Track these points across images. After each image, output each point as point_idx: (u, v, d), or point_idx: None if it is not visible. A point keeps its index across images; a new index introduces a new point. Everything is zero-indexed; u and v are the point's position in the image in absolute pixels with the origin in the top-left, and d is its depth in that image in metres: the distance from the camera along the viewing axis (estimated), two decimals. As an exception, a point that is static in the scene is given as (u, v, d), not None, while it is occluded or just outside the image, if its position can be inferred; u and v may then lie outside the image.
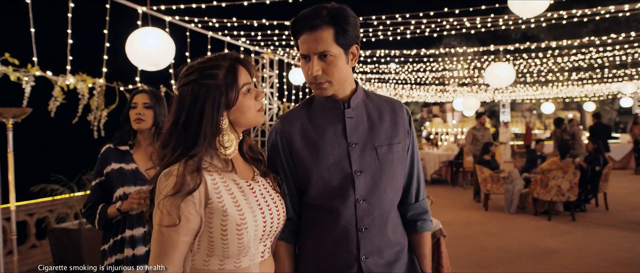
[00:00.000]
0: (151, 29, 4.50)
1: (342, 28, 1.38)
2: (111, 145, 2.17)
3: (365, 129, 1.48)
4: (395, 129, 1.50)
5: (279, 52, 9.10)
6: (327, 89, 1.43)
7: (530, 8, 4.01)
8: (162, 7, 5.68)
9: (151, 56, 4.34)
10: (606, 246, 5.26)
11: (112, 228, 2.11)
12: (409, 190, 1.57)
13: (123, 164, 2.13)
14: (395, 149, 1.48)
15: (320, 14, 1.37)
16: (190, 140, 1.24)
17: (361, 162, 1.44)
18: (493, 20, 7.16)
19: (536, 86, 17.30)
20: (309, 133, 1.49)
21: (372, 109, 1.52)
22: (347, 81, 1.47)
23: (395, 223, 1.51)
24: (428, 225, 1.59)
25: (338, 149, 1.45)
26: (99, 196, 2.14)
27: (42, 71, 4.35)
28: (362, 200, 1.43)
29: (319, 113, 1.52)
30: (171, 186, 1.18)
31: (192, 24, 6.47)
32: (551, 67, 12.61)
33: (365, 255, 1.43)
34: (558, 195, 6.61)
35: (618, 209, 7.27)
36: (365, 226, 1.44)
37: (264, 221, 1.29)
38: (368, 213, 1.44)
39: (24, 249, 4.86)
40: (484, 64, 11.60)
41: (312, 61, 1.40)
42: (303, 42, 1.41)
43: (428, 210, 1.61)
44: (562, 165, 6.86)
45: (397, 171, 1.49)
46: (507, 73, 7.33)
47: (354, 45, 1.44)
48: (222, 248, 1.23)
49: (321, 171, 1.44)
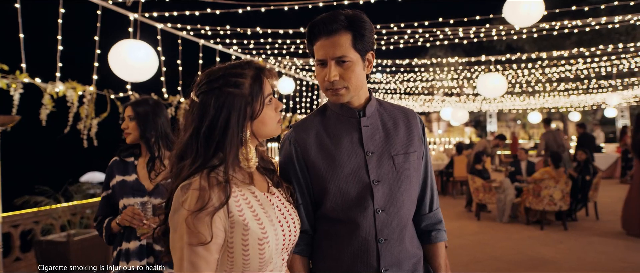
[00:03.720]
0: (135, 42, 4.44)
1: (360, 33, 1.36)
2: (117, 157, 2.17)
3: (382, 138, 1.45)
4: (410, 138, 1.48)
5: (271, 60, 9.05)
6: (343, 96, 1.40)
7: (525, 17, 4.04)
8: (155, 14, 5.59)
9: (134, 68, 4.30)
10: (600, 255, 5.28)
11: (115, 240, 2.10)
12: (423, 200, 1.55)
13: (125, 177, 2.11)
14: (412, 158, 1.46)
15: (338, 19, 1.34)
16: (211, 151, 1.16)
17: (379, 171, 1.41)
18: (486, 31, 7.22)
19: (523, 96, 17.54)
20: (325, 142, 1.44)
21: (386, 118, 1.50)
22: (363, 88, 1.45)
23: (411, 233, 1.49)
24: (442, 235, 1.57)
25: (355, 159, 1.41)
26: (106, 210, 2.12)
27: (31, 78, 4.23)
28: (381, 210, 1.40)
29: (334, 121, 1.48)
30: (194, 201, 1.09)
31: (184, 31, 6.39)
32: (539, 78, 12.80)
33: (385, 267, 1.39)
34: (550, 205, 6.64)
35: (608, 218, 7.33)
36: (385, 238, 1.40)
37: (283, 234, 1.23)
38: (387, 224, 1.41)
39: (8, 262, 4.69)
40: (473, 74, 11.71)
41: (330, 66, 1.36)
42: (320, 48, 1.37)
43: (442, 220, 1.59)
44: (555, 175, 6.91)
45: (413, 181, 1.47)
46: (498, 83, 7.39)
47: (370, 52, 1.42)
48: (243, 264, 1.16)
49: (338, 182, 1.40)
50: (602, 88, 14.91)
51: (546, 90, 15.37)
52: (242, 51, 8.09)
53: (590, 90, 15.04)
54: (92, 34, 4.93)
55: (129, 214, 1.93)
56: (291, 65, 9.74)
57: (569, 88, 14.84)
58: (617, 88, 14.52)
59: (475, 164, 8.09)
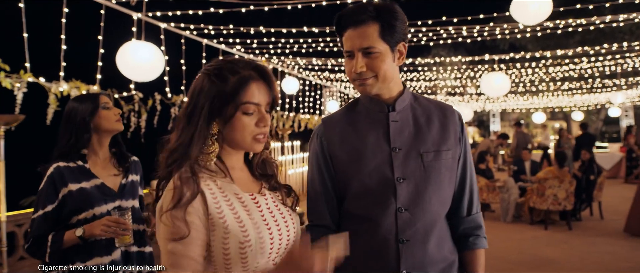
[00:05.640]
0: (141, 43, 4.47)
1: (389, 24, 1.31)
2: (61, 163, 1.81)
3: (411, 134, 1.39)
4: (444, 136, 1.40)
5: (274, 60, 9.05)
6: (371, 86, 1.35)
7: (533, 16, 4.01)
8: (158, 14, 5.59)
9: (142, 68, 4.31)
10: (604, 255, 5.25)
11: (67, 257, 1.77)
12: (461, 202, 1.46)
13: (83, 184, 1.81)
14: (444, 156, 1.38)
15: (366, 10, 1.31)
16: (188, 136, 1.13)
17: (404, 169, 1.35)
18: (490, 30, 7.19)
19: (527, 96, 17.48)
20: (350, 137, 1.41)
21: (419, 113, 1.43)
22: (393, 80, 1.38)
23: (441, 236, 1.40)
24: (481, 241, 1.46)
25: (380, 155, 1.36)
26: (46, 229, 1.77)
27: (35, 77, 4.24)
28: (404, 209, 1.34)
29: (363, 115, 1.43)
30: (169, 199, 1.07)
31: (188, 31, 6.39)
32: (542, 77, 12.75)
33: (406, 270, 1.34)
34: (554, 204, 6.61)
35: (612, 218, 7.30)
36: (407, 238, 1.34)
37: (271, 238, 1.15)
38: (410, 224, 1.34)
39: (12, 261, 4.69)
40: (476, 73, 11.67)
41: (356, 57, 1.33)
42: (347, 39, 1.34)
43: (481, 225, 1.48)
44: (559, 174, 6.88)
45: (444, 180, 1.38)
46: (502, 83, 7.36)
47: (401, 42, 1.36)
48: (225, 266, 1.11)
49: (361, 177, 1.36)
50: (606, 87, 14.83)
51: (550, 89, 15.30)
52: (245, 51, 8.09)
53: (594, 89, 14.97)
54: (95, 33, 4.94)
55: (110, 223, 1.72)
56: (294, 65, 9.73)
57: (572, 87, 14.78)
58: (621, 87, 14.44)
59: (478, 163, 8.07)
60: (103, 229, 1.71)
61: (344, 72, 10.87)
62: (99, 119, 1.88)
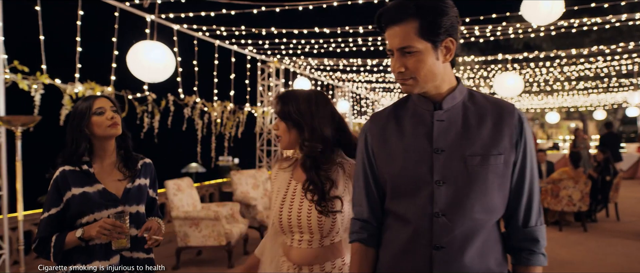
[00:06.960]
0: (152, 43, 4.51)
1: (430, 20, 1.22)
2: (68, 167, 1.84)
3: (458, 135, 1.28)
4: (496, 138, 1.27)
5: (286, 61, 9.08)
6: (412, 86, 1.28)
7: (545, 16, 3.96)
8: (171, 15, 5.66)
9: (152, 69, 4.34)
10: (620, 257, 5.17)
11: (70, 258, 1.82)
12: (516, 212, 1.32)
13: (86, 188, 1.83)
14: (493, 161, 1.25)
15: (405, 6, 1.22)
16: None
17: (445, 172, 1.25)
18: (503, 29, 7.12)
19: (541, 96, 17.24)
20: (393, 134, 1.35)
21: (472, 113, 1.30)
22: (440, 78, 1.29)
23: (485, 247, 1.28)
24: (538, 258, 1.30)
25: (420, 155, 1.28)
26: (52, 230, 1.82)
27: (51, 79, 4.32)
28: (442, 214, 1.25)
29: (410, 112, 1.36)
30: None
31: (200, 32, 6.45)
32: (557, 77, 12.57)
33: None
34: (569, 205, 6.52)
35: (629, 219, 7.18)
36: (443, 245, 1.24)
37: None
38: (447, 231, 1.25)
39: (29, 260, 4.79)
40: (490, 73, 11.55)
41: (395, 57, 1.27)
42: (387, 37, 1.27)
43: (539, 240, 1.31)
44: (574, 175, 6.78)
45: (491, 187, 1.26)
46: (515, 82, 7.28)
47: (448, 38, 1.26)
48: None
49: (397, 177, 1.31)
50: (623, 86, 14.57)
51: (565, 89, 15.07)
52: (257, 51, 8.14)
53: (610, 89, 14.72)
54: (110, 35, 5.03)
55: (107, 226, 1.72)
56: (306, 65, 9.75)
57: (588, 87, 14.54)
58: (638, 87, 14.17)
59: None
60: (99, 231, 1.73)
61: (356, 73, 10.89)
62: (91, 126, 1.86)
